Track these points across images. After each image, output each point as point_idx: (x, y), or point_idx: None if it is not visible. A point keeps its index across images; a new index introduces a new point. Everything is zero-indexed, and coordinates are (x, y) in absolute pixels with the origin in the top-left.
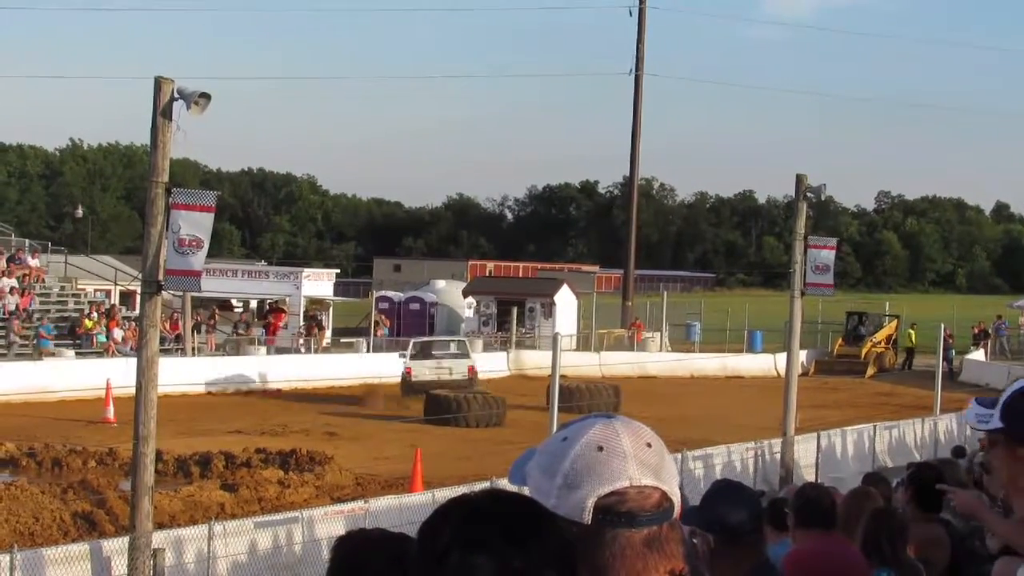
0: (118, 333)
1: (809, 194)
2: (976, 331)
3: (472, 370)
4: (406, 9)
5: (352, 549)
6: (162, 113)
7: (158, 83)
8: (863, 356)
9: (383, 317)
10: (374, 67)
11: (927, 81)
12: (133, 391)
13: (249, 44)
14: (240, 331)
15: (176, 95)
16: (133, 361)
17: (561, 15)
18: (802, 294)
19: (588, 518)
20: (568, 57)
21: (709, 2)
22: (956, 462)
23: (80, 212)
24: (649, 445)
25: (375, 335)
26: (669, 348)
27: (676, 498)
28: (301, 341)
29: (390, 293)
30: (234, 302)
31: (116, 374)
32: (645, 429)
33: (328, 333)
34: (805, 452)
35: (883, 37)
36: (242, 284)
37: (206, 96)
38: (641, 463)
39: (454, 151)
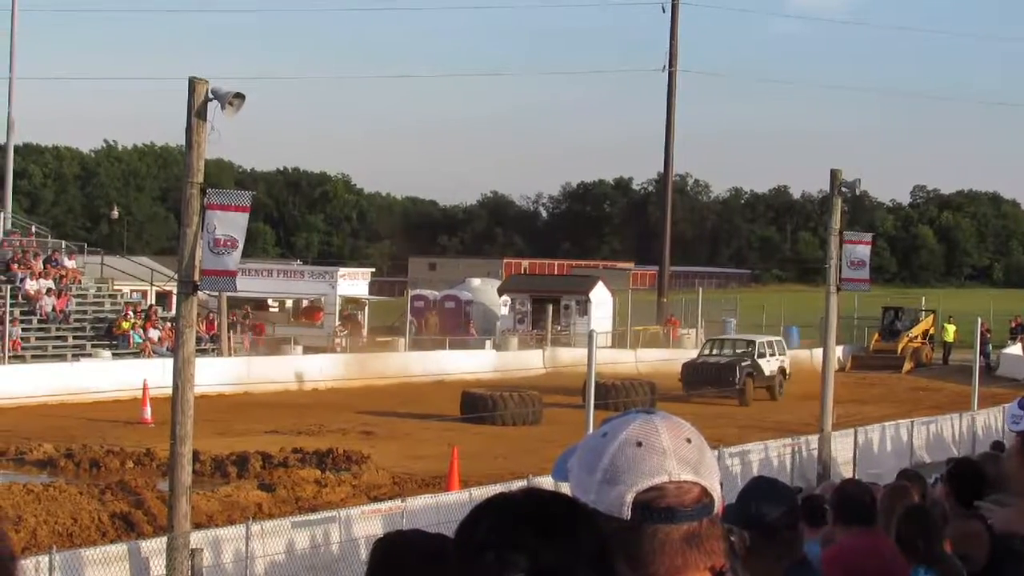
0: (154, 333)
1: (844, 189)
2: (1013, 325)
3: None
4: (441, 8)
5: (390, 550)
6: (196, 114)
7: (192, 84)
8: (900, 351)
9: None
10: (409, 64)
11: (963, 74)
12: (170, 391)
13: (283, 43)
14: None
15: (210, 96)
16: (169, 361)
17: (595, 11)
18: (838, 290)
19: (627, 513)
20: (602, 53)
21: None
22: (997, 456)
23: (116, 213)
24: (689, 440)
25: (415, 332)
26: None
27: (716, 494)
28: (337, 340)
29: (425, 291)
30: (269, 301)
31: (153, 374)
32: (685, 424)
33: (364, 332)
34: (842, 448)
35: (917, 31)
36: (278, 284)
37: (240, 96)
38: (680, 458)
39: (488, 149)
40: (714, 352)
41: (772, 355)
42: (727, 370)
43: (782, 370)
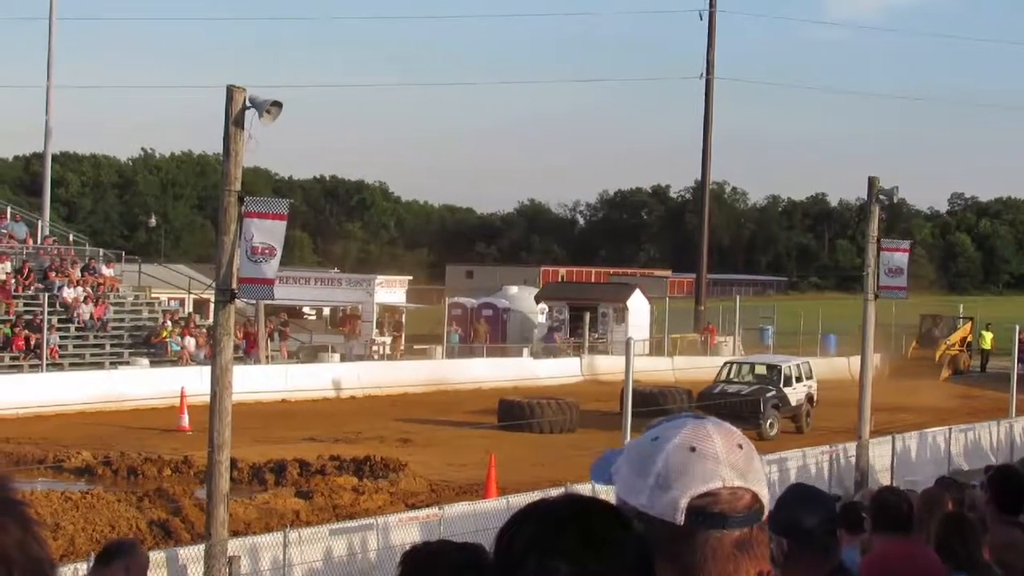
0: (190, 341)
1: (882, 197)
2: None
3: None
4: (480, 16)
5: (418, 563)
6: (234, 122)
7: (230, 92)
8: (937, 359)
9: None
10: (446, 73)
11: (1001, 81)
12: (207, 399)
13: (322, 51)
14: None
15: (248, 104)
16: (207, 369)
17: (633, 19)
18: (876, 297)
19: (681, 519)
20: (640, 61)
21: (778, 5)
22: None
23: (153, 221)
24: (740, 447)
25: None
26: (743, 352)
27: (765, 500)
28: (375, 348)
29: (463, 299)
30: (306, 309)
31: (190, 382)
32: (735, 431)
33: (402, 340)
34: (880, 455)
35: (954, 38)
36: (315, 292)
37: (278, 104)
38: (732, 464)
39: (526, 157)
40: (733, 379)
41: (799, 380)
42: (750, 406)
43: (809, 397)
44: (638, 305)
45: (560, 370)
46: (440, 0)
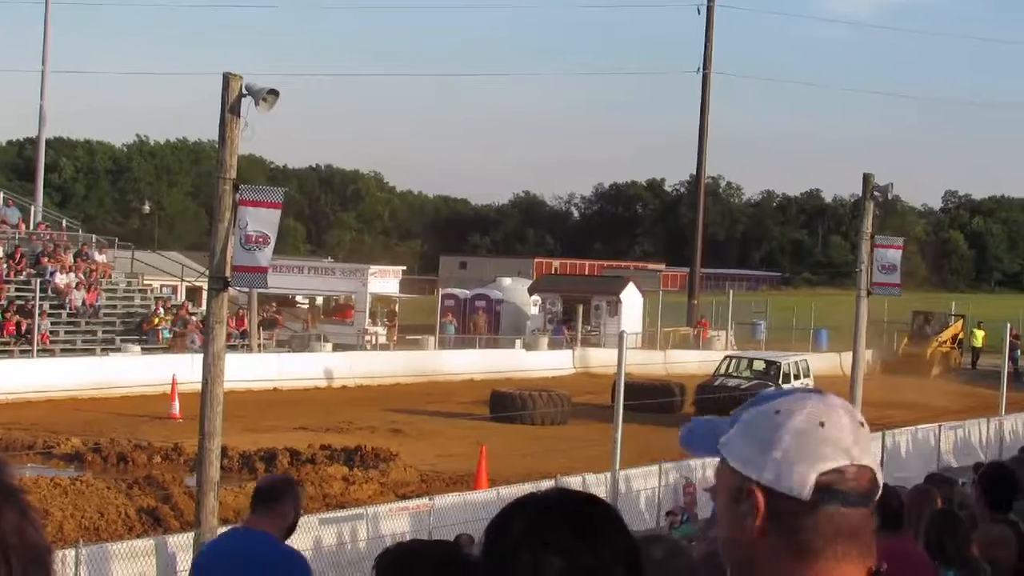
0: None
1: (876, 194)
2: None
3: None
4: (473, 6)
5: (392, 563)
6: (230, 109)
7: (226, 79)
8: (928, 355)
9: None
10: (442, 63)
11: (996, 79)
12: (198, 387)
13: (317, 39)
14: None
15: (244, 91)
16: (198, 357)
17: (629, 12)
18: (868, 294)
19: (808, 494)
20: (635, 53)
21: (775, 1)
22: None
23: (147, 208)
24: (862, 424)
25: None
26: (735, 347)
27: (880, 481)
28: (367, 337)
29: (456, 290)
30: (299, 298)
31: (182, 370)
32: (856, 409)
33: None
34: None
35: (949, 36)
36: (308, 281)
37: (274, 93)
38: (858, 442)
39: (521, 148)
40: (732, 372)
41: (797, 377)
42: (747, 397)
43: None
44: (631, 298)
45: (552, 362)
46: None
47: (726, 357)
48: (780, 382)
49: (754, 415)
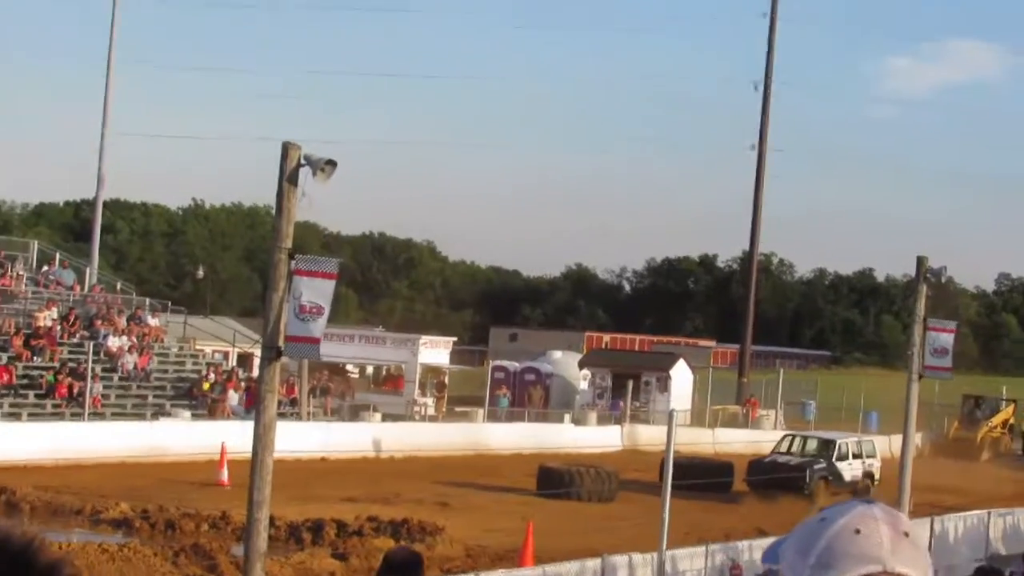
0: (234, 395)
1: (929, 276)
2: None
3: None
4: (526, 79)
5: None
6: (288, 179)
7: (285, 149)
8: (979, 440)
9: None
10: (496, 134)
11: None
12: (248, 454)
13: (373, 106)
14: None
15: (303, 161)
16: (248, 424)
17: (685, 85)
18: (920, 377)
19: None
20: (690, 129)
21: (831, 79)
22: None
23: (201, 272)
24: (906, 534)
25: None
26: (784, 426)
27: None
28: (416, 408)
29: (506, 363)
30: (350, 367)
31: (231, 437)
32: (904, 518)
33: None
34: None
35: (1007, 116)
36: (359, 349)
37: (332, 163)
38: (896, 550)
39: (574, 220)
40: (788, 450)
41: (857, 457)
42: (797, 472)
43: (869, 475)
44: (681, 375)
45: (601, 438)
46: (491, 61)
47: (785, 435)
48: (835, 460)
49: (804, 524)
